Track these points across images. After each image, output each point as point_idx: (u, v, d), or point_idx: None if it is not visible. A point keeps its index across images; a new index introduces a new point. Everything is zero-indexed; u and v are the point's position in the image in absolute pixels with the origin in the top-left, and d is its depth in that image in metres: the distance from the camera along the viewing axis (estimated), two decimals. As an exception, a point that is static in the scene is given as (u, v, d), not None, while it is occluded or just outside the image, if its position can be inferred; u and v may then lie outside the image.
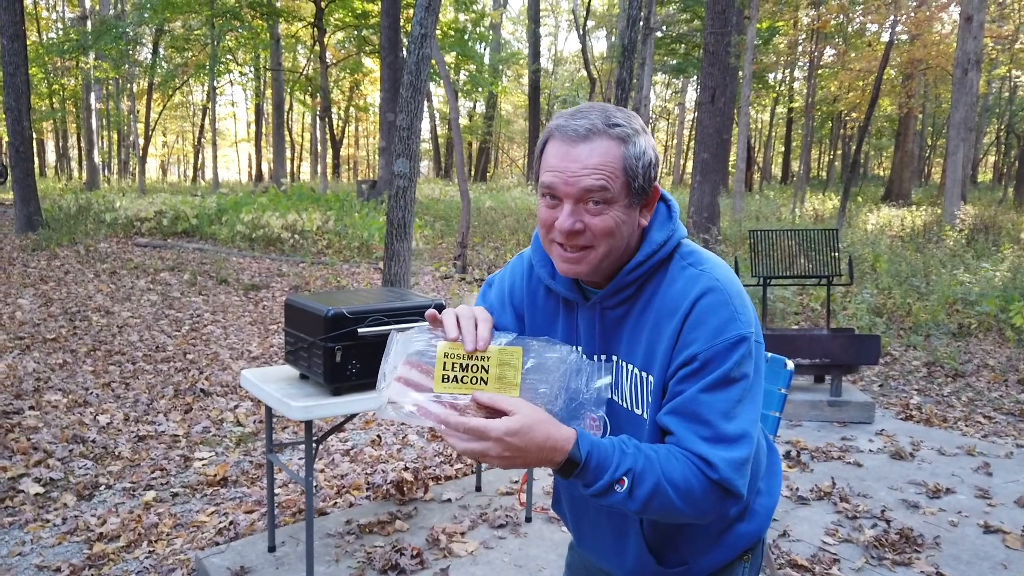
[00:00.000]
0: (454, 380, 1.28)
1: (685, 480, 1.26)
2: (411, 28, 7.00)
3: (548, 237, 1.38)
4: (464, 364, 1.29)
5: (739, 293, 1.35)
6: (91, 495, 4.11)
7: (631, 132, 1.32)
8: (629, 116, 1.35)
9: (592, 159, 1.29)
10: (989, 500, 4.00)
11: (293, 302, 3.11)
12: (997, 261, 10.65)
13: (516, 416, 1.20)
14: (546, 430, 1.21)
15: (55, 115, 31.14)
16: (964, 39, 15.27)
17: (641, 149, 1.32)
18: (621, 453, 1.26)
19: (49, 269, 10.51)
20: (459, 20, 27.35)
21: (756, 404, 1.34)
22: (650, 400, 1.37)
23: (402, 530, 3.56)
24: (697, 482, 1.26)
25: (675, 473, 1.26)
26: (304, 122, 46.08)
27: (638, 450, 1.27)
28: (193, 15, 22.28)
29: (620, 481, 1.24)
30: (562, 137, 1.32)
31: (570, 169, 1.30)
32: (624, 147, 1.31)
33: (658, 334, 1.35)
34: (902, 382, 6.59)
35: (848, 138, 37.96)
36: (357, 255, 12.71)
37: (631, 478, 1.24)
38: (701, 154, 13.05)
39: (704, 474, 1.26)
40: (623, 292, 1.41)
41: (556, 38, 50.43)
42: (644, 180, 1.34)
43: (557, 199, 1.33)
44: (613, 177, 1.30)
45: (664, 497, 1.25)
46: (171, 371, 6.43)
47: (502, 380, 1.28)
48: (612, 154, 1.30)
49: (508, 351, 1.30)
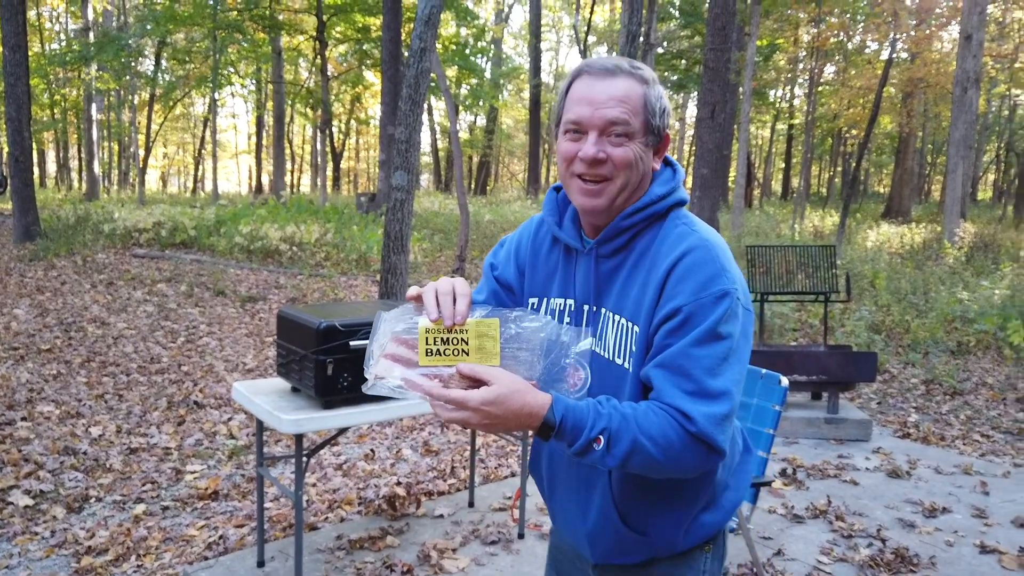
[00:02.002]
0: (437, 354, 1.33)
1: (663, 434, 1.28)
2: (411, 42, 7.01)
3: (570, 170, 1.43)
4: (445, 338, 1.33)
5: (727, 255, 1.39)
6: (81, 508, 4.07)
7: (651, 78, 1.42)
8: (646, 66, 1.44)
9: (618, 93, 1.38)
10: (986, 520, 3.97)
11: (285, 314, 3.09)
12: (996, 279, 10.63)
13: (493, 386, 1.25)
14: (522, 398, 1.26)
15: (56, 125, 31.21)
16: (964, 58, 15.32)
17: (659, 94, 1.42)
18: (596, 414, 1.29)
19: (46, 279, 10.49)
20: (461, 34, 27.48)
21: (741, 365, 1.36)
22: (634, 350, 1.40)
23: (393, 546, 3.52)
24: (676, 435, 1.28)
25: (653, 428, 1.28)
26: (305, 134, 46.20)
27: (614, 409, 1.30)
28: (195, 28, 22.36)
29: (596, 440, 1.28)
30: (590, 73, 1.41)
31: (598, 99, 1.38)
32: (646, 87, 1.41)
33: (645, 286, 1.40)
34: (900, 400, 6.56)
35: (848, 155, 38.05)
36: (355, 268, 12.70)
37: (607, 436, 1.28)
38: (700, 169, 13.05)
39: (683, 427, 1.29)
40: (618, 238, 1.46)
41: (557, 53, 50.59)
42: (660, 121, 1.43)
43: (581, 132, 1.40)
44: (635, 112, 1.39)
45: (643, 452, 1.28)
46: (165, 383, 6.40)
47: (482, 351, 1.33)
48: (635, 92, 1.40)
49: (485, 323, 1.35)
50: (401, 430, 5.55)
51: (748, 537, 2.83)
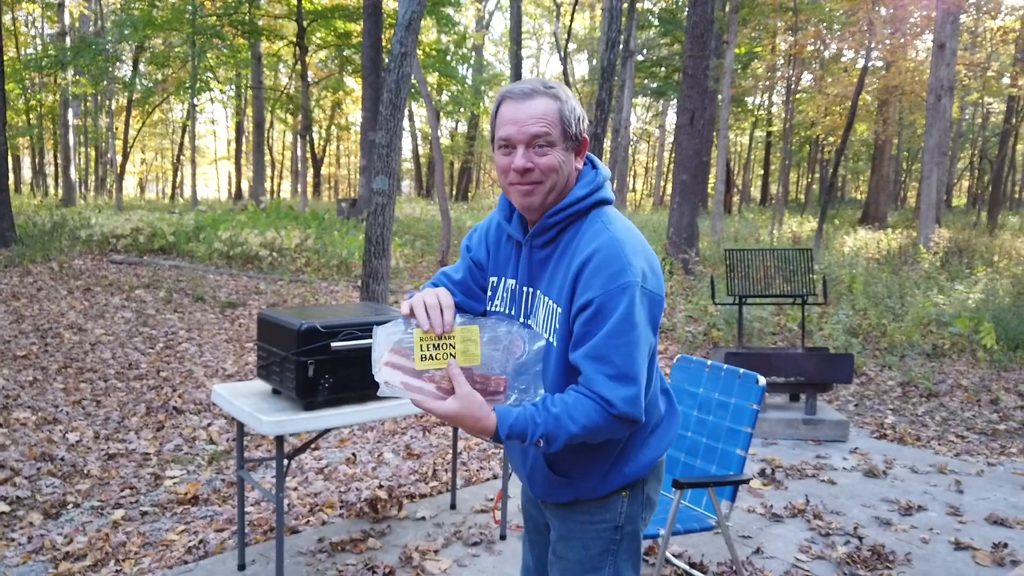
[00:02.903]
0: (430, 358, 1.60)
1: (591, 420, 1.58)
2: (391, 47, 7.03)
3: (507, 181, 1.70)
4: (436, 344, 1.60)
5: (635, 250, 1.62)
6: (58, 514, 4.04)
7: (564, 95, 1.68)
8: (559, 84, 1.70)
9: (537, 111, 1.64)
10: (960, 517, 4.03)
11: (266, 316, 3.09)
12: (970, 284, 10.78)
13: (452, 404, 1.57)
14: (475, 415, 1.57)
15: (32, 131, 30.83)
16: (937, 66, 15.55)
17: (571, 106, 1.68)
18: (534, 424, 1.58)
19: (22, 286, 10.37)
20: (441, 41, 27.50)
21: (645, 348, 1.62)
22: (558, 327, 1.68)
23: (375, 548, 3.52)
24: (601, 419, 1.58)
25: (583, 418, 1.57)
26: (285, 141, 46.02)
27: (548, 413, 1.58)
28: (174, 33, 22.22)
29: (537, 443, 1.59)
30: (512, 98, 1.67)
31: (521, 119, 1.64)
32: (560, 103, 1.67)
33: (566, 276, 1.66)
34: (877, 401, 6.64)
35: (825, 162, 38.43)
36: (336, 273, 12.66)
37: (545, 439, 1.58)
38: (680, 176, 13.15)
39: (607, 411, 1.58)
40: (545, 234, 1.73)
41: (538, 60, 50.75)
42: (576, 129, 1.68)
43: (511, 147, 1.67)
44: (553, 125, 1.65)
45: (578, 439, 1.59)
46: (144, 389, 6.35)
47: (466, 353, 1.61)
48: (551, 108, 1.65)
49: (468, 330, 1.62)
50: (383, 434, 5.55)
51: (727, 535, 2.86)
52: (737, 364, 5.31)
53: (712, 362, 3.19)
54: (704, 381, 3.18)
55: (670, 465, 3.16)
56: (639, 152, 52.87)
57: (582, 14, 37.05)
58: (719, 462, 3.00)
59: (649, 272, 1.62)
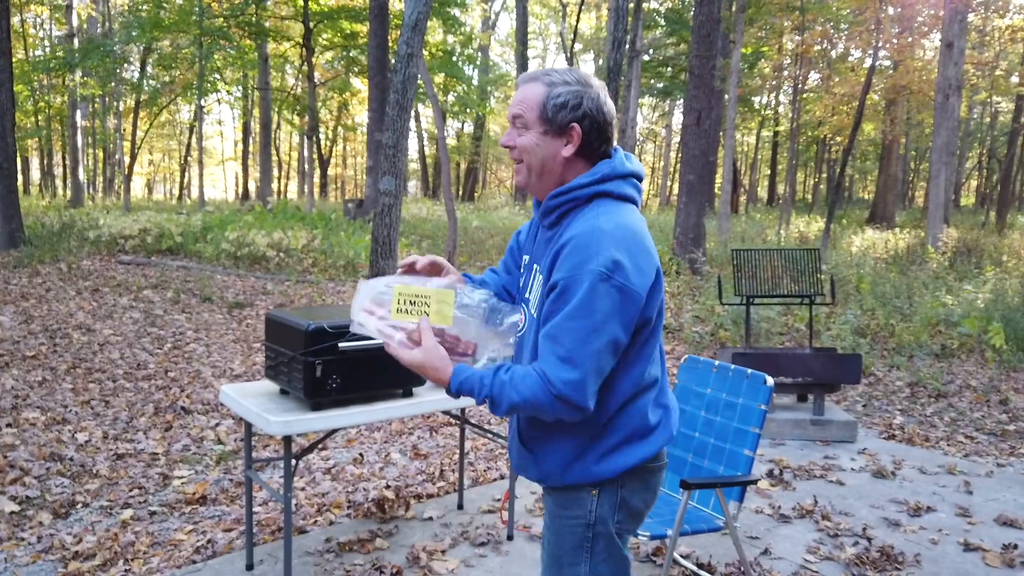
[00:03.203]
0: (405, 312, 1.76)
1: (533, 394, 1.64)
2: (397, 48, 7.04)
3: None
4: (413, 300, 1.75)
5: (615, 242, 1.63)
6: (67, 513, 4.05)
7: (559, 82, 1.74)
8: (572, 74, 1.76)
9: (520, 95, 1.76)
10: (969, 518, 4.01)
11: (274, 317, 3.09)
12: (979, 283, 10.74)
13: (417, 353, 1.73)
14: (435, 367, 1.72)
15: (40, 133, 30.99)
16: (945, 65, 15.50)
17: (558, 93, 1.73)
18: (481, 384, 1.69)
19: (31, 286, 10.42)
20: (447, 42, 27.51)
21: (610, 336, 1.64)
22: (539, 302, 1.78)
23: (382, 548, 3.52)
24: (543, 395, 1.64)
25: (526, 391, 1.64)
26: (292, 141, 46.10)
27: (496, 378, 1.68)
28: (181, 34, 22.29)
29: (483, 402, 1.70)
30: (518, 83, 1.81)
31: (512, 102, 1.78)
32: (548, 88, 1.74)
33: (550, 256, 1.73)
34: (885, 402, 6.61)
35: (833, 161, 38.32)
36: (343, 274, 12.68)
37: (489, 400, 1.68)
38: (687, 176, 13.13)
39: (548, 389, 1.63)
40: (549, 215, 1.80)
41: (544, 60, 50.71)
42: (553, 115, 1.73)
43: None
44: (529, 108, 1.74)
45: (521, 410, 1.67)
46: (152, 389, 6.37)
47: (440, 314, 1.76)
48: (534, 92, 1.74)
49: (444, 293, 1.77)
50: (390, 434, 5.55)
51: (735, 536, 2.85)
52: (744, 364, 5.29)
53: (719, 362, 3.18)
54: (711, 381, 3.18)
55: (678, 465, 3.16)
56: (646, 152, 52.79)
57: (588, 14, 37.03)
58: (727, 463, 2.99)
59: (628, 266, 1.62)
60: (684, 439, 3.20)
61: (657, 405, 1.84)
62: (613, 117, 1.79)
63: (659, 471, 1.88)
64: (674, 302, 10.72)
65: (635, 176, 1.80)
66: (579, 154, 1.76)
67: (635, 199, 1.80)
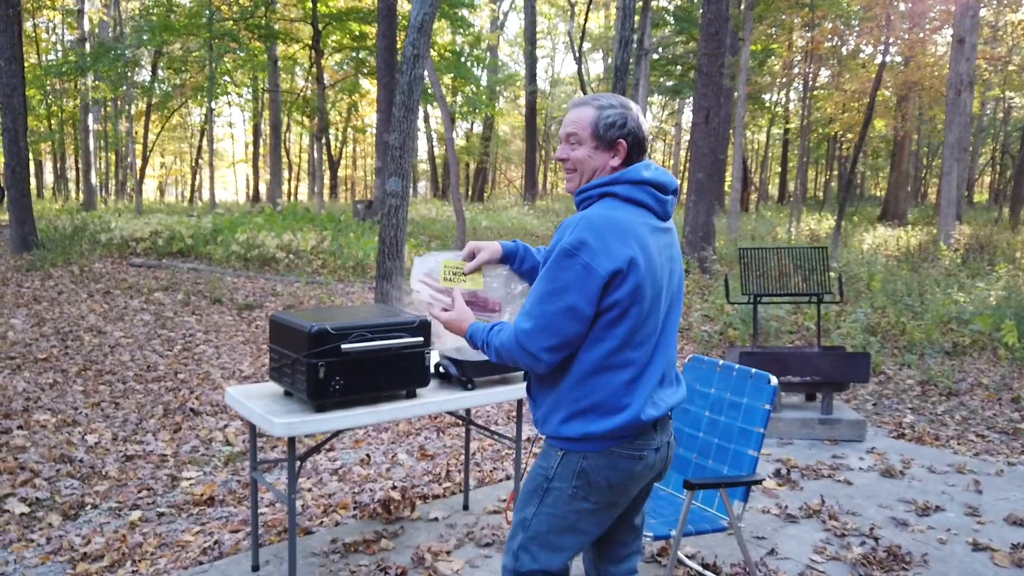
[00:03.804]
0: (449, 280, 2.31)
1: (505, 342, 2.03)
2: (404, 49, 7.05)
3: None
4: (454, 271, 2.31)
5: (590, 228, 1.93)
6: (76, 515, 4.08)
7: (607, 105, 2.08)
8: (616, 99, 2.10)
9: (574, 116, 2.11)
10: (979, 518, 3.98)
11: (277, 319, 3.10)
12: (992, 281, 10.66)
13: (449, 313, 2.24)
14: (459, 320, 2.21)
15: (53, 136, 31.22)
16: (957, 61, 15.39)
17: (607, 115, 2.06)
18: (482, 333, 2.12)
19: (43, 289, 10.50)
20: (456, 42, 27.54)
21: (565, 304, 1.93)
22: None
23: (388, 549, 3.53)
24: (510, 342, 2.02)
25: (504, 338, 2.04)
26: (302, 143, 46.25)
27: (491, 330, 2.11)
28: (191, 37, 22.41)
29: (482, 347, 2.12)
30: (571, 105, 2.15)
31: (565, 122, 2.13)
32: (598, 112, 2.08)
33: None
34: (895, 401, 6.58)
35: (844, 158, 38.13)
36: (352, 275, 12.71)
37: (483, 347, 2.12)
38: (696, 174, 13.09)
39: (514, 337, 2.01)
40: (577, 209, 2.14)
41: (553, 60, 50.77)
42: (606, 132, 2.07)
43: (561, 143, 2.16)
44: (583, 128, 2.08)
45: (500, 353, 2.05)
46: (161, 390, 6.41)
47: (473, 281, 2.32)
48: (587, 115, 2.08)
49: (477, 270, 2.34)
50: (397, 435, 5.56)
51: (740, 536, 2.84)
52: (752, 364, 5.28)
53: (724, 362, 3.17)
54: (716, 381, 3.17)
55: (682, 465, 3.15)
56: (655, 151, 52.66)
57: (596, 13, 36.98)
58: (731, 463, 2.98)
59: (593, 246, 1.91)
60: (688, 439, 3.19)
61: (633, 390, 2.01)
62: (648, 133, 2.14)
63: (632, 459, 2.03)
64: (683, 300, 10.68)
65: (650, 183, 2.05)
66: (623, 164, 2.10)
67: (645, 202, 2.04)
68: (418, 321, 3.09)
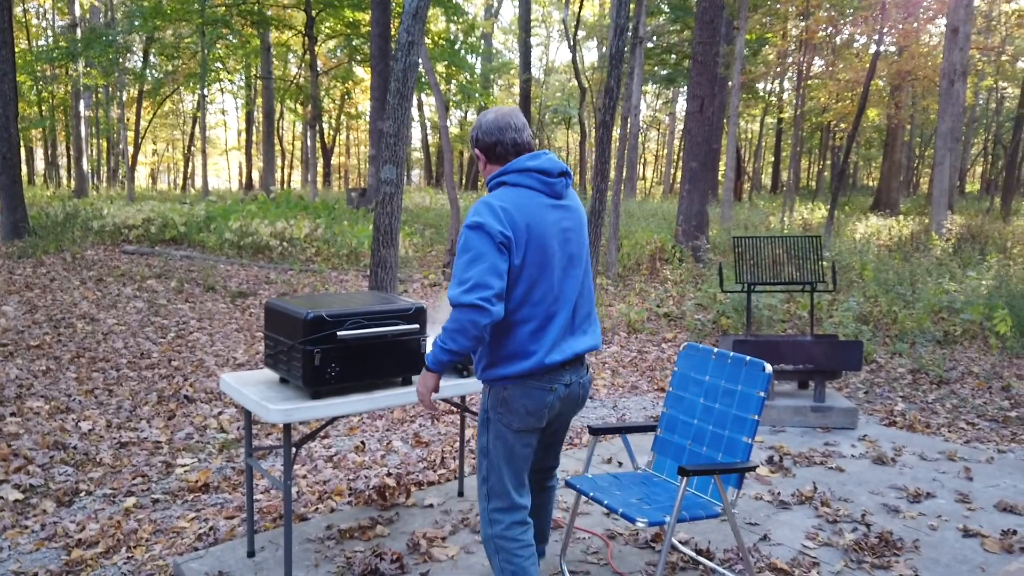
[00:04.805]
0: None
1: (452, 318, 2.40)
2: (398, 35, 7.02)
3: None
4: None
5: (485, 206, 2.42)
6: (71, 501, 4.08)
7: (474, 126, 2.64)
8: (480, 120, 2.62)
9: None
10: (969, 504, 4.02)
11: (273, 305, 3.10)
12: (983, 270, 10.71)
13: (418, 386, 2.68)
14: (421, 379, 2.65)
15: (44, 123, 30.97)
16: (950, 51, 15.41)
17: (472, 134, 2.63)
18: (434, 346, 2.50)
19: (35, 276, 10.46)
20: (450, 30, 27.40)
21: (487, 263, 2.36)
22: None
23: (383, 535, 3.55)
24: (454, 314, 2.39)
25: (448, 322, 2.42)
26: (295, 131, 46.03)
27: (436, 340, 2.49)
28: (183, 23, 22.23)
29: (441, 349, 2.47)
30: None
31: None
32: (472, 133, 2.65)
33: None
34: (887, 389, 6.62)
35: (837, 148, 38.16)
36: (346, 263, 12.69)
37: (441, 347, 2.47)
38: (690, 163, 13.10)
39: (453, 309, 2.38)
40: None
41: (547, 48, 50.53)
42: (472, 144, 2.63)
43: None
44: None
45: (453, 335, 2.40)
46: (155, 378, 6.40)
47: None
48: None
49: None
50: (392, 422, 5.57)
51: (733, 523, 2.86)
52: (745, 352, 5.30)
53: (718, 349, 3.18)
54: (710, 369, 3.18)
55: (676, 452, 3.17)
56: (649, 140, 52.63)
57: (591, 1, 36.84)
58: (725, 449, 3.00)
59: (489, 219, 2.38)
60: (683, 426, 3.21)
61: (538, 339, 2.49)
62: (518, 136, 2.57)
63: (544, 390, 2.52)
64: (676, 290, 10.72)
65: (534, 170, 2.50)
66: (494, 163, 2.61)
67: (532, 186, 2.50)
68: (413, 308, 3.09)
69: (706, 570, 3.27)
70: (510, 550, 2.55)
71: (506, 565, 2.55)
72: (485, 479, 2.61)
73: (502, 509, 2.58)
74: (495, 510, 2.59)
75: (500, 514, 2.58)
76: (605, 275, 11.42)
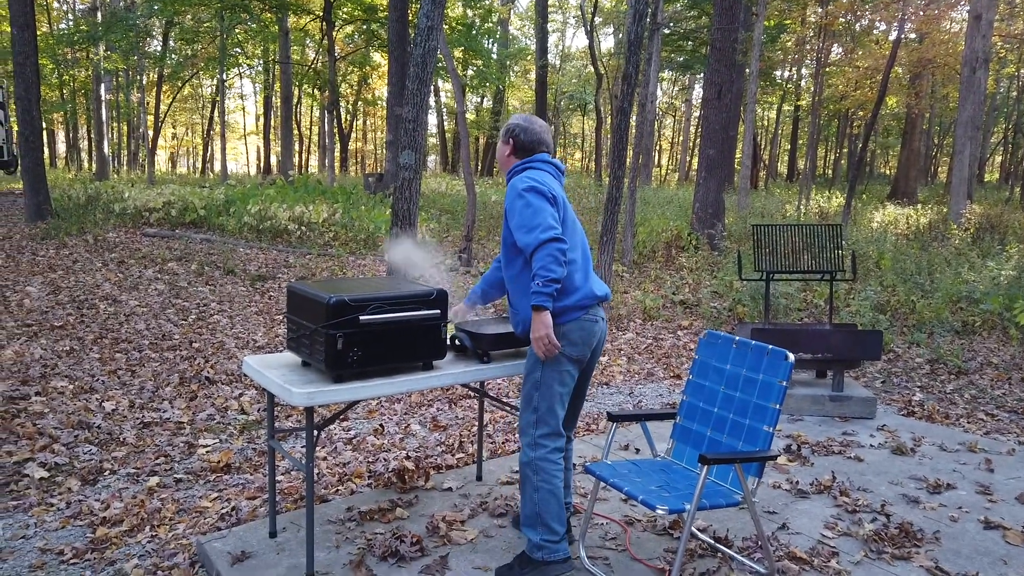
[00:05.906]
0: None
1: (537, 262, 2.81)
2: (418, 21, 7.01)
3: None
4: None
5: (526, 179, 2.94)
6: (95, 480, 4.15)
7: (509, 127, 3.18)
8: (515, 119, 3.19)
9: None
10: (990, 496, 4.01)
11: (295, 289, 3.12)
12: (1002, 260, 10.61)
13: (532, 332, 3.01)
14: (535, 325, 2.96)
15: (65, 107, 31.19)
16: (972, 38, 15.21)
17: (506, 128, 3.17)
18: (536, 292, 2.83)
19: (58, 258, 10.56)
20: (467, 15, 27.30)
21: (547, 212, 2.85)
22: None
23: (402, 518, 3.58)
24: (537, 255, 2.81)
25: (535, 266, 2.81)
26: (312, 116, 46.10)
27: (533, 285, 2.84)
28: (203, 7, 22.27)
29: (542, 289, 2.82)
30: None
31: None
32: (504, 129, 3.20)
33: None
34: (905, 379, 6.59)
35: (855, 136, 37.80)
36: (363, 247, 12.74)
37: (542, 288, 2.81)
38: (707, 150, 13.03)
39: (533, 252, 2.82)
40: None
41: (564, 34, 50.14)
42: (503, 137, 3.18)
43: None
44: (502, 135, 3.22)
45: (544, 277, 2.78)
46: (177, 359, 6.47)
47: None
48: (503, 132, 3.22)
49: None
50: (410, 406, 5.61)
51: (754, 511, 2.87)
52: (764, 340, 5.28)
53: (740, 338, 3.18)
54: (731, 357, 3.18)
55: (696, 440, 3.18)
56: (665, 127, 52.34)
57: (609, -14, 36.57)
58: (746, 438, 3.01)
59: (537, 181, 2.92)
60: (703, 414, 3.22)
61: (581, 277, 3.00)
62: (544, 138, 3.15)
63: (592, 321, 3.01)
64: (692, 277, 10.69)
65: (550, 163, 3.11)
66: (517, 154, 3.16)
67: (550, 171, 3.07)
68: (435, 293, 3.11)
69: (724, 558, 3.28)
70: (549, 471, 2.97)
71: (543, 484, 2.96)
72: (535, 408, 3.01)
73: (548, 435, 3.00)
74: (541, 436, 3.00)
75: (545, 439, 3.00)
76: (621, 262, 11.41)
